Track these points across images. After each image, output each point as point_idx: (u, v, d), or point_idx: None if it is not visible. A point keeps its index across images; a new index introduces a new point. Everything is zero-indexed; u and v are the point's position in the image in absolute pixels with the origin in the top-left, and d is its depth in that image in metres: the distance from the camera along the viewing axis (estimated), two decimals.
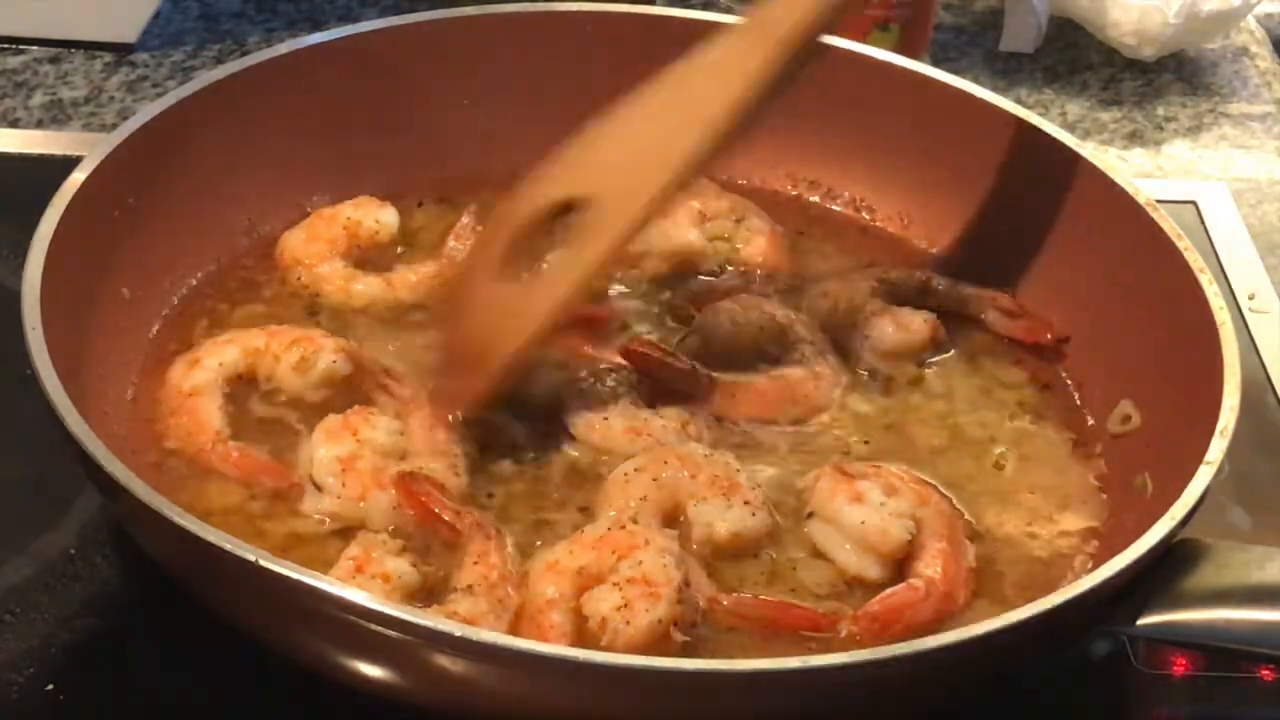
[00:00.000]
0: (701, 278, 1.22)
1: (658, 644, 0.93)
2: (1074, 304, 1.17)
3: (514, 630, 0.94)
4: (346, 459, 1.02)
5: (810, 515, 1.03)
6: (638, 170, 1.05)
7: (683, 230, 1.23)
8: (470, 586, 0.95)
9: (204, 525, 0.87)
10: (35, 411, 0.94)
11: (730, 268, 1.23)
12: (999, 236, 1.22)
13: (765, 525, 1.02)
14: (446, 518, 0.99)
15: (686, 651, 0.93)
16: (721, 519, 1.01)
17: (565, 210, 1.07)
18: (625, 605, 0.94)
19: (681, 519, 1.02)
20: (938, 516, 1.03)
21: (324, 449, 1.03)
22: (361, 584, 0.93)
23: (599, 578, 0.96)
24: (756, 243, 1.24)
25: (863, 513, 1.01)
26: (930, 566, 1.00)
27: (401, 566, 0.95)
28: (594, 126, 1.08)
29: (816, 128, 1.23)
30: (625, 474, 1.03)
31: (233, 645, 0.94)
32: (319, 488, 1.02)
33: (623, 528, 0.98)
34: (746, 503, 1.02)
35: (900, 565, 1.00)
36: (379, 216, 1.20)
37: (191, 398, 1.06)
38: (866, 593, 0.99)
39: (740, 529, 1.01)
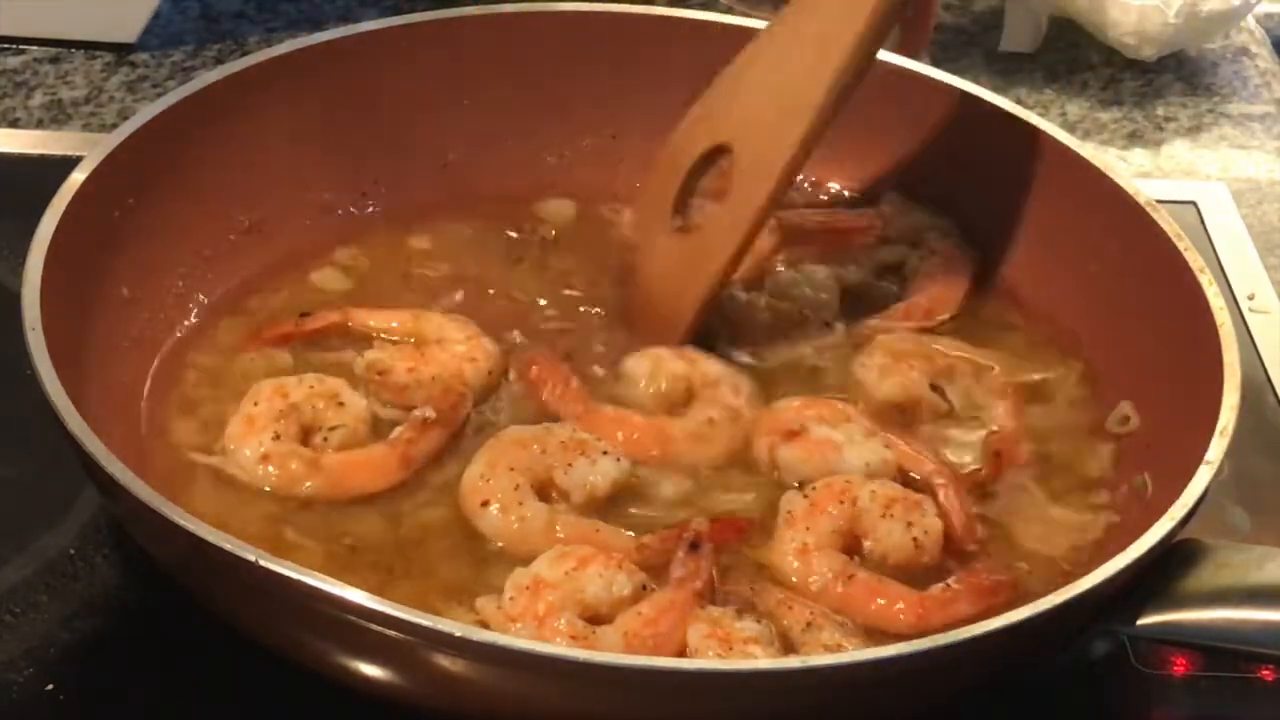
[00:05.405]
0: None
1: None
2: (1073, 304, 1.17)
3: None
4: (533, 586, 0.95)
5: None
6: (774, 116, 1.07)
7: None
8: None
9: (204, 525, 0.87)
10: (35, 411, 0.94)
11: None
12: (998, 236, 1.22)
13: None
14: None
15: None
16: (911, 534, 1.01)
17: (713, 158, 1.11)
18: None
19: (867, 543, 1.01)
20: None
21: (538, 565, 0.96)
22: (739, 654, 0.91)
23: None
24: None
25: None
26: None
27: (754, 625, 0.94)
28: (726, 73, 1.12)
29: None
30: (798, 543, 1.00)
31: (232, 645, 0.94)
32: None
33: None
34: (915, 520, 1.01)
35: None
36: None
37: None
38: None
39: (935, 528, 1.01)
